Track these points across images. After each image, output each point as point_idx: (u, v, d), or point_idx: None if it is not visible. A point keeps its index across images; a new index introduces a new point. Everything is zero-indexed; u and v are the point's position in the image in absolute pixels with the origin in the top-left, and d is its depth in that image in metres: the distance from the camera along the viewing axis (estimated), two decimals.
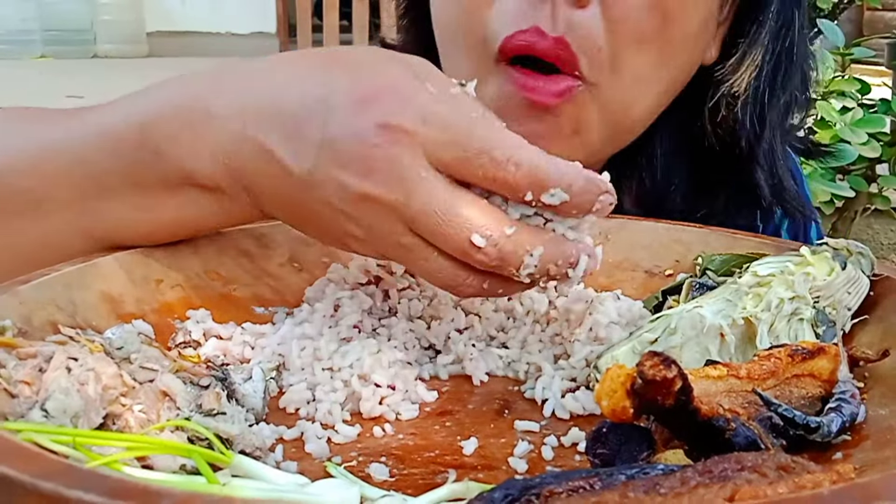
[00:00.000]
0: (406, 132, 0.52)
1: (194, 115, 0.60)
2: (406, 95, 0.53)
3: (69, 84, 5.69)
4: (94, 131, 0.63)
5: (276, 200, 0.59)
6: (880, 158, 2.32)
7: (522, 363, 0.63)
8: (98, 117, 0.64)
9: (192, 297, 0.65)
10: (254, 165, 0.58)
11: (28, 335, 0.51)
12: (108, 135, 0.62)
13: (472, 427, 0.54)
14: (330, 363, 0.58)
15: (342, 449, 0.52)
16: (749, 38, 0.81)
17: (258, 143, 0.57)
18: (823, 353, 0.51)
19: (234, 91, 0.60)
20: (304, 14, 6.34)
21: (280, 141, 0.56)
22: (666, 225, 0.73)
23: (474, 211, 0.53)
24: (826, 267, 0.60)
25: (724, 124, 0.84)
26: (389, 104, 0.53)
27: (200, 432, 0.45)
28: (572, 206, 0.54)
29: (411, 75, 0.55)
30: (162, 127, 0.60)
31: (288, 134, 0.56)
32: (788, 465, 0.37)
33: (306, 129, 0.55)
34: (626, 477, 0.38)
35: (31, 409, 0.43)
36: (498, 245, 0.53)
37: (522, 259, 0.53)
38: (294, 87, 0.57)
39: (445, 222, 0.52)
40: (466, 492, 0.44)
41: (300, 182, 0.55)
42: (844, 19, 3.73)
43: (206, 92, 0.61)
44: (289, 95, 0.57)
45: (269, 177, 0.57)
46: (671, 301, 0.65)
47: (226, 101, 0.59)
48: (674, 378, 0.42)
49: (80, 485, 0.33)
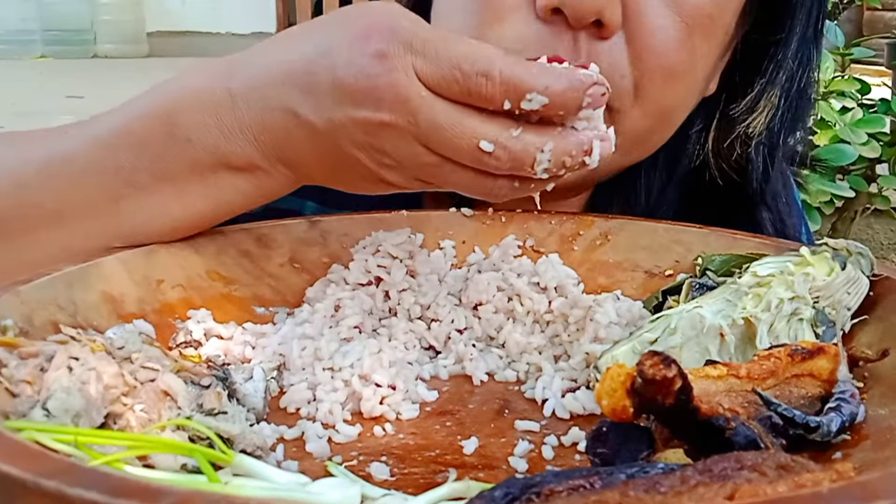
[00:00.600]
0: (398, 57, 0.55)
1: (217, 100, 0.61)
2: (392, 26, 0.56)
3: (69, 84, 5.70)
4: (114, 132, 0.64)
5: (311, 161, 0.61)
6: (880, 158, 2.33)
7: (522, 363, 0.63)
8: (110, 122, 0.65)
9: (193, 297, 0.65)
10: (284, 132, 0.60)
11: (29, 335, 0.51)
12: (133, 133, 0.63)
13: (472, 427, 0.54)
14: (331, 363, 0.58)
15: (343, 448, 0.52)
16: (766, 78, 0.79)
17: (282, 109, 0.60)
18: (823, 352, 0.51)
19: (247, 70, 0.62)
20: (304, 14, 6.35)
21: (300, 100, 0.59)
22: (666, 225, 0.73)
23: (477, 120, 0.55)
24: (826, 267, 0.60)
25: (736, 164, 0.82)
26: (379, 36, 0.56)
27: (201, 431, 0.46)
28: (557, 107, 0.54)
29: (397, 10, 0.58)
30: (188, 116, 0.62)
31: (304, 91, 0.58)
32: (788, 464, 0.37)
33: (318, 81, 0.58)
34: (627, 476, 0.38)
35: (32, 409, 0.43)
36: (507, 147, 0.54)
37: (534, 156, 0.55)
38: (298, 50, 0.60)
39: (453, 135, 0.55)
40: (467, 491, 0.44)
41: (326, 132, 0.58)
42: (844, 19, 3.74)
43: (222, 76, 0.63)
44: (296, 58, 0.59)
45: (299, 138, 0.60)
46: (671, 301, 0.65)
47: (242, 81, 0.61)
48: (674, 377, 0.42)
49: (82, 483, 0.33)
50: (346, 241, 0.72)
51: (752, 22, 0.79)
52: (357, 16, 0.58)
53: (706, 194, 0.85)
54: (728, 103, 0.81)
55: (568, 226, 0.75)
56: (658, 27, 0.69)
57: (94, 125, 0.65)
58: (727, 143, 0.81)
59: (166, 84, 0.65)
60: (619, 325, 0.63)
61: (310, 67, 0.58)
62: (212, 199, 0.64)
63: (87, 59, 7.26)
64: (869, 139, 2.22)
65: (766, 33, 0.79)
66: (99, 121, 0.66)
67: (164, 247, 0.65)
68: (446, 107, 0.55)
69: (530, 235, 0.74)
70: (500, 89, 0.53)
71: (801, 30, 0.79)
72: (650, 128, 0.74)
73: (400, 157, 0.57)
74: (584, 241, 0.74)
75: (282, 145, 0.61)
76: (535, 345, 0.64)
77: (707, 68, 0.76)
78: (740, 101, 0.80)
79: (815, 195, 2.23)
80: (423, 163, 0.57)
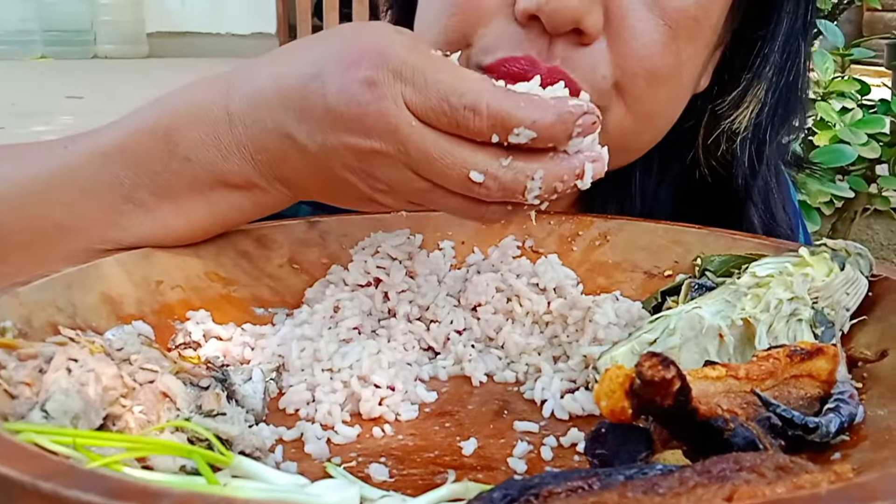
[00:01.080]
0: (387, 86, 0.55)
1: (214, 118, 0.62)
2: (383, 51, 0.56)
3: (69, 84, 5.70)
4: (115, 148, 0.64)
5: (306, 180, 0.62)
6: (880, 159, 2.32)
7: (522, 364, 0.63)
8: (111, 137, 0.65)
9: (192, 299, 0.65)
10: (280, 153, 0.61)
11: (28, 336, 0.51)
12: (132, 150, 0.64)
13: (471, 428, 0.54)
14: (330, 364, 0.58)
15: (342, 449, 0.52)
16: (753, 73, 0.78)
17: (277, 131, 0.60)
18: (822, 353, 0.51)
19: (244, 89, 0.62)
20: (304, 14, 6.35)
21: (293, 124, 0.59)
22: (665, 226, 0.73)
23: (467, 150, 0.54)
24: (825, 268, 0.60)
25: (722, 159, 0.81)
26: (369, 63, 0.55)
27: (200, 433, 0.46)
28: (546, 140, 0.54)
29: (390, 31, 0.58)
30: (187, 133, 0.62)
31: (298, 114, 0.59)
32: (787, 465, 0.38)
33: (310, 106, 0.58)
34: (625, 477, 0.38)
35: (31, 410, 0.43)
36: (497, 177, 0.55)
37: (525, 185, 0.55)
38: (293, 70, 0.60)
39: (443, 165, 0.55)
40: (466, 492, 0.44)
41: (319, 155, 0.59)
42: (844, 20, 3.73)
43: (219, 95, 0.63)
44: (291, 78, 0.60)
45: (294, 159, 0.61)
46: (670, 302, 0.65)
47: (239, 100, 0.62)
48: (672, 378, 0.42)
49: (80, 485, 0.33)
50: (346, 241, 0.72)
51: (742, 18, 0.78)
52: (350, 37, 0.58)
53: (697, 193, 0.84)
54: (716, 99, 0.80)
55: (567, 226, 0.75)
56: (641, 31, 0.68)
57: (96, 139, 0.66)
58: (713, 139, 0.80)
59: (167, 97, 0.66)
60: (618, 325, 0.63)
61: (303, 92, 0.58)
62: (211, 215, 0.65)
63: (87, 60, 7.27)
64: (869, 140, 2.21)
65: (754, 28, 0.78)
66: (100, 134, 0.66)
67: (162, 248, 0.65)
68: (436, 137, 0.55)
69: (529, 236, 0.74)
70: (488, 123, 0.53)
71: (789, 23, 0.78)
72: (635, 130, 0.73)
73: (391, 183, 0.58)
74: (583, 241, 0.74)
75: (278, 165, 0.62)
76: (534, 346, 0.64)
77: (695, 69, 0.75)
78: (726, 96, 0.79)
79: (815, 196, 2.23)
80: (414, 188, 0.57)
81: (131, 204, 0.64)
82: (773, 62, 0.77)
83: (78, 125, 4.00)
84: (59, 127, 4.22)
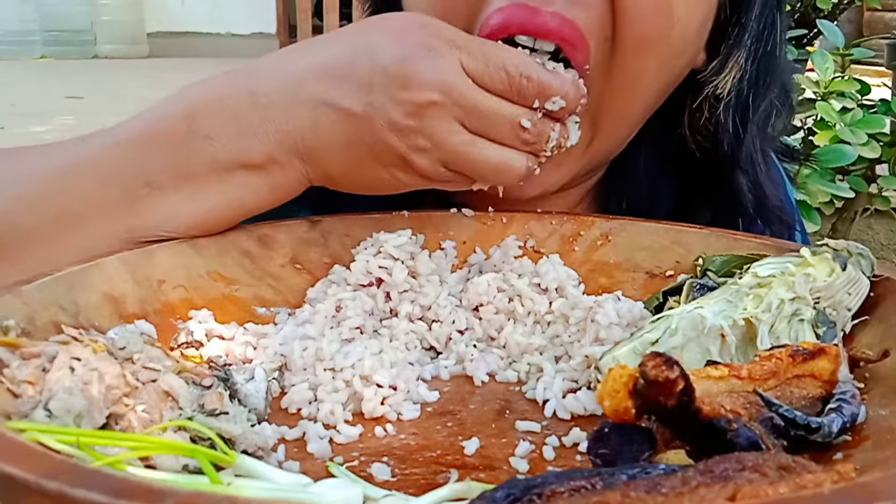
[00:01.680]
0: (445, 49, 0.62)
1: (236, 102, 0.65)
2: (432, 23, 0.65)
3: (69, 84, 5.70)
4: (135, 135, 0.66)
5: (333, 151, 0.65)
6: (880, 159, 2.32)
7: (523, 364, 0.63)
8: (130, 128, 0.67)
9: (194, 298, 0.65)
10: (311, 122, 0.64)
11: (32, 335, 0.51)
12: (153, 134, 0.66)
13: (473, 427, 0.54)
14: (332, 363, 0.58)
15: (344, 449, 0.52)
16: (732, 41, 0.80)
17: (311, 101, 0.64)
18: (824, 353, 0.51)
19: (269, 72, 0.66)
20: (305, 15, 6.35)
21: (333, 91, 0.64)
22: (666, 226, 0.74)
23: (507, 104, 0.64)
24: (826, 268, 0.60)
25: (706, 128, 0.83)
26: (423, 31, 0.63)
27: (203, 432, 0.46)
28: (568, 110, 0.66)
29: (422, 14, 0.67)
30: (209, 116, 0.65)
31: (340, 82, 0.64)
32: (789, 465, 0.38)
33: (355, 70, 0.63)
34: (628, 477, 0.38)
35: (34, 409, 0.43)
36: (536, 125, 0.65)
37: (549, 135, 0.66)
38: (328, 52, 0.65)
39: (495, 118, 0.63)
40: (468, 491, 0.44)
41: (362, 116, 0.63)
42: (844, 20, 3.74)
43: (239, 82, 0.66)
44: (328, 57, 0.65)
45: (325, 127, 0.64)
46: (672, 302, 0.65)
47: (268, 81, 0.65)
48: (676, 379, 0.42)
49: (84, 484, 0.33)
50: (348, 241, 0.72)
51: None
52: (389, 20, 0.65)
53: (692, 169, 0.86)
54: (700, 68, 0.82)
55: (568, 226, 0.75)
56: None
57: (114, 132, 0.68)
58: (696, 105, 0.82)
59: (185, 90, 0.68)
60: (619, 325, 0.63)
61: (345, 59, 0.64)
62: (226, 199, 0.66)
63: (87, 60, 7.27)
64: (869, 140, 2.21)
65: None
66: (120, 127, 0.68)
67: (165, 247, 0.65)
68: (486, 95, 0.63)
69: (531, 236, 0.74)
70: (536, 91, 0.64)
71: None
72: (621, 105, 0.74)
73: (434, 136, 0.63)
74: (585, 241, 0.74)
75: (305, 136, 0.64)
76: (536, 345, 0.64)
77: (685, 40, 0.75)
78: (707, 64, 0.81)
79: (815, 196, 2.23)
80: (456, 141, 0.63)
81: (149, 188, 0.65)
82: (750, 30, 0.81)
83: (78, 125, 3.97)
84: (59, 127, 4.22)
